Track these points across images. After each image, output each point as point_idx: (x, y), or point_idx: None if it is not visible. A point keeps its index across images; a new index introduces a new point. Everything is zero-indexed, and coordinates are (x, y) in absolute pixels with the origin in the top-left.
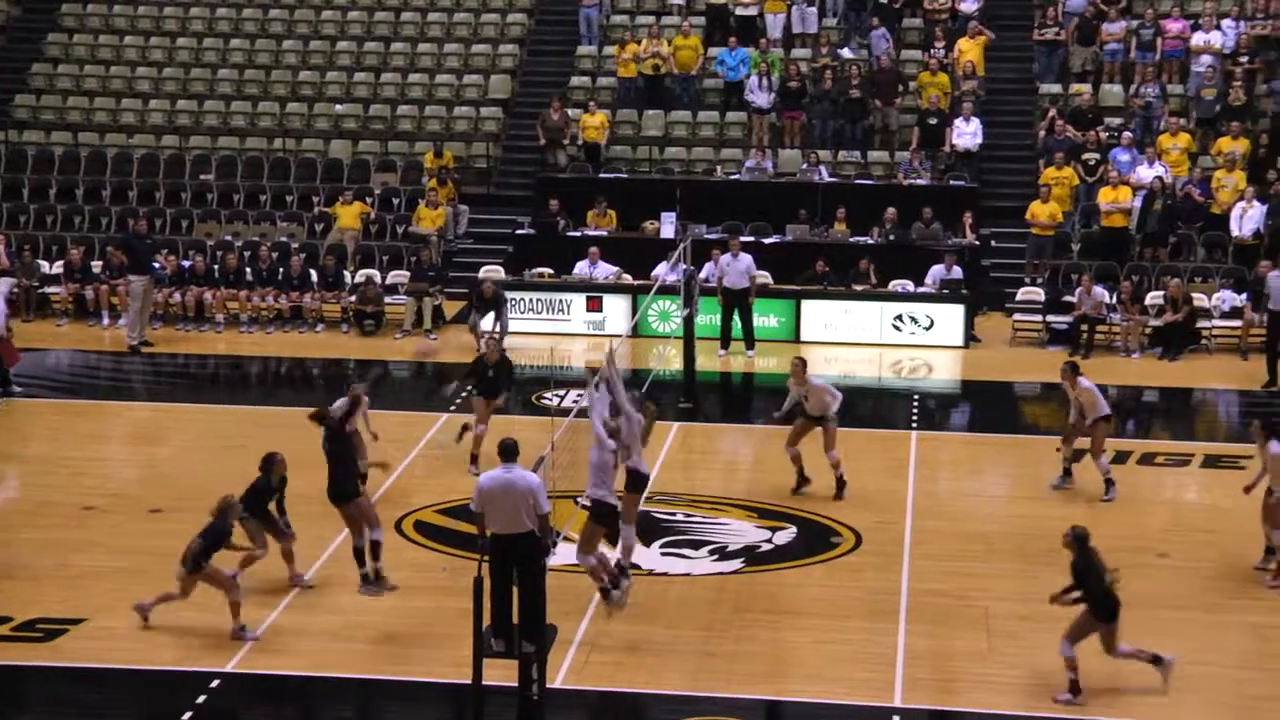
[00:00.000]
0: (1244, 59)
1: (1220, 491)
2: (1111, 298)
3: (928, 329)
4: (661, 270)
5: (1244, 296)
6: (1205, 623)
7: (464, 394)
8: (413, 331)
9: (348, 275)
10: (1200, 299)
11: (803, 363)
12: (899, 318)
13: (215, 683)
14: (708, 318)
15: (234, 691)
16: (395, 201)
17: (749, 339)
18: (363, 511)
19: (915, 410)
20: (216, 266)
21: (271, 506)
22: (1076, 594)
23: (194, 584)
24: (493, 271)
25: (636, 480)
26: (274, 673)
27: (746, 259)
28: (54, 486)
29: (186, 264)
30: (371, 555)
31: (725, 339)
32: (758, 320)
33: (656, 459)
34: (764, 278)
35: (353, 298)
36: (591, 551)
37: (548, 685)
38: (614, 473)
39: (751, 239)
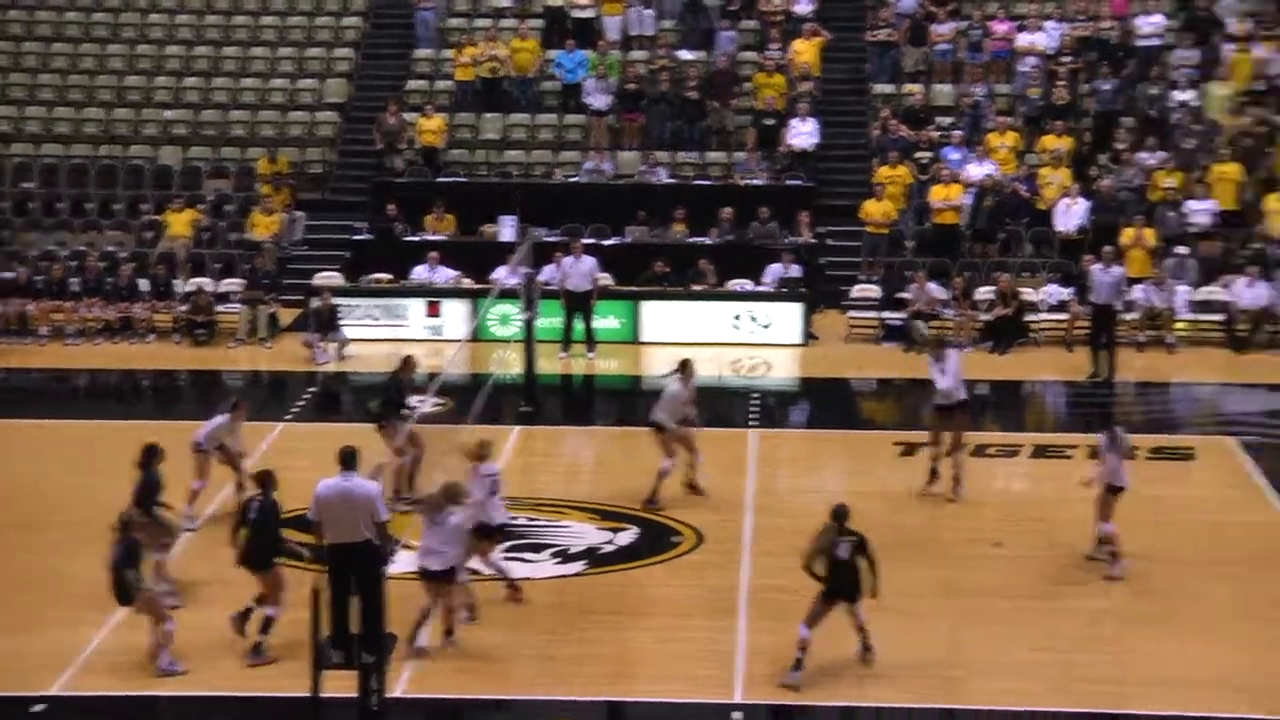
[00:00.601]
0: (1067, 59)
1: (1048, 481)
2: (945, 293)
3: (766, 327)
4: (501, 274)
5: (1070, 290)
6: (1042, 610)
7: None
8: (247, 340)
9: (179, 284)
10: (1028, 293)
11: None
12: (738, 317)
13: (39, 707)
14: (549, 320)
15: (59, 715)
16: (228, 208)
17: (590, 341)
18: (279, 582)
19: (754, 408)
20: (41, 277)
21: None
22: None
23: (151, 606)
24: (329, 278)
25: (481, 530)
26: (101, 694)
27: (590, 261)
28: None
29: (9, 275)
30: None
31: (566, 341)
32: (597, 322)
33: (498, 462)
34: (605, 279)
35: (184, 307)
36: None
37: (388, 695)
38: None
39: (591, 240)
